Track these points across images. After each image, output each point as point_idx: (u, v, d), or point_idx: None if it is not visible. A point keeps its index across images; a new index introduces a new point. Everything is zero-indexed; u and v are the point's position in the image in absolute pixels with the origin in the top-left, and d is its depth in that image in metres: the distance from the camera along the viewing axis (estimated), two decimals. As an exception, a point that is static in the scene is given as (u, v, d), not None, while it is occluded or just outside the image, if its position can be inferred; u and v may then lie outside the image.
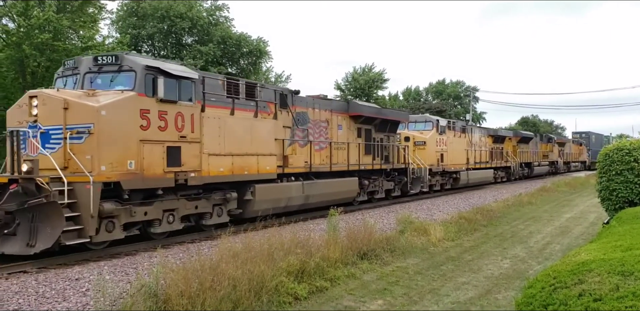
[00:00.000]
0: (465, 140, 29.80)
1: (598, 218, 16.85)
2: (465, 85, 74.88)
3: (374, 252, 10.66)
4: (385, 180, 21.50)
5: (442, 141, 26.40)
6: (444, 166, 26.48)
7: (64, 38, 22.80)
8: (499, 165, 35.52)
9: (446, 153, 26.75)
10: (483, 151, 32.75)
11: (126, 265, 9.62)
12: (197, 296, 6.85)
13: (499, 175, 35.61)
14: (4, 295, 7.63)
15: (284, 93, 15.82)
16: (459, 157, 28.52)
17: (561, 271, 4.98)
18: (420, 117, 27.48)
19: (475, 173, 30.33)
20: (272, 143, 14.74)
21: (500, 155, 35.83)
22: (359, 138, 19.87)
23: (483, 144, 33.04)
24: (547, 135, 49.64)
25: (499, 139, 35.75)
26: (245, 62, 37.66)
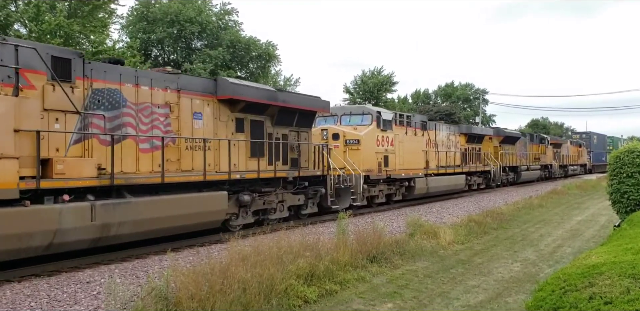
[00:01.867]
0: (424, 139, 24.00)
1: (609, 221, 16.72)
2: (475, 88, 74.83)
3: (383, 255, 10.65)
4: (291, 192, 15.73)
5: (386, 139, 20.42)
6: (390, 171, 20.53)
7: (75, 43, 23.01)
8: (475, 169, 29.78)
9: (393, 155, 20.83)
10: (452, 153, 27.18)
11: (137, 268, 9.68)
12: (207, 300, 6.88)
13: (475, 182, 30.08)
14: (16, 298, 7.70)
15: (56, 55, 9.87)
16: (415, 159, 22.57)
17: (572, 274, 4.96)
18: (356, 108, 21.09)
19: (438, 180, 24.43)
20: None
21: (478, 158, 30.56)
22: (239, 134, 14.08)
23: (453, 144, 27.62)
24: (538, 135, 44.60)
25: (474, 138, 30.30)
26: (254, 65, 37.84)
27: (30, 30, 21.28)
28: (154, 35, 34.33)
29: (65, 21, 21.39)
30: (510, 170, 35.58)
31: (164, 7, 34.70)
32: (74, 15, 23.47)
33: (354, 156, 18.78)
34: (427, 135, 24.57)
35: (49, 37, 21.15)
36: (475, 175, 30.00)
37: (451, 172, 26.29)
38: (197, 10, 34.99)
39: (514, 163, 35.86)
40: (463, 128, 29.98)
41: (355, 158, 18.67)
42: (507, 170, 34.55)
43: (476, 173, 30.17)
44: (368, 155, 19.28)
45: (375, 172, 19.56)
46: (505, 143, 34.52)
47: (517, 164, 36.40)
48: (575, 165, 54.27)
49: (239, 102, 13.86)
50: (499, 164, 32.53)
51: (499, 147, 33.60)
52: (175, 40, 35.33)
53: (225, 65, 34.77)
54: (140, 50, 31.28)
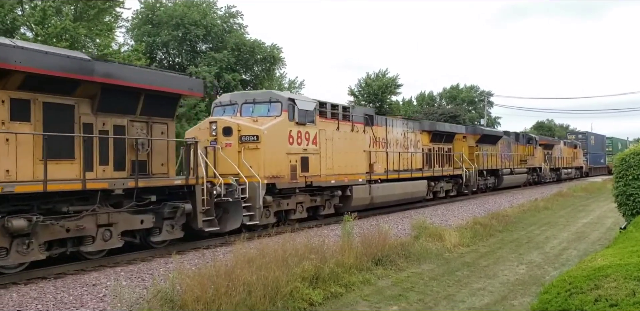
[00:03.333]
0: (367, 137, 19.28)
1: (615, 224, 16.67)
2: (480, 90, 74.74)
3: (388, 258, 10.64)
4: (128, 211, 10.84)
5: (304, 136, 15.59)
6: (311, 178, 15.73)
7: (81, 46, 23.11)
8: (443, 173, 25.01)
9: (316, 156, 16.01)
10: (409, 154, 22.59)
11: (142, 271, 9.71)
12: (212, 302, 6.90)
13: (442, 188, 25.27)
14: (23, 300, 7.74)
15: None
16: (352, 162, 17.71)
17: (577, 277, 4.96)
18: (261, 94, 15.69)
19: (388, 188, 19.82)
20: None
21: (447, 160, 26.07)
22: (20, 123, 9.40)
23: (412, 143, 23.04)
24: (526, 134, 39.93)
25: (441, 137, 25.70)
26: (259, 68, 37.89)
27: (37, 33, 21.39)
28: (159, 38, 34.44)
29: (71, 25, 21.49)
30: (490, 174, 31.29)
31: (169, 10, 34.82)
32: (79, 18, 23.58)
33: (252, 158, 14.00)
34: (372, 131, 19.74)
35: (55, 40, 21.27)
36: (442, 180, 25.23)
37: (407, 177, 21.48)
38: (202, 13, 35.08)
39: (494, 166, 31.43)
40: (425, 124, 25.20)
41: (254, 161, 13.96)
42: (485, 174, 30.13)
43: (444, 178, 25.44)
44: (273, 157, 14.41)
45: (287, 178, 14.76)
46: (484, 143, 30.17)
47: (498, 167, 31.98)
48: (570, 168, 49.80)
49: (12, 74, 9.09)
50: (474, 167, 27.76)
51: (476, 147, 29.22)
52: (180, 43, 35.41)
53: (230, 68, 34.83)
54: (146, 53, 31.40)
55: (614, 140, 72.69)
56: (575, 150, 52.21)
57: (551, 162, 43.35)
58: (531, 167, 38.61)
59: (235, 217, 13.00)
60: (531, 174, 38.93)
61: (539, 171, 40.49)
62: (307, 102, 16.05)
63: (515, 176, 34.98)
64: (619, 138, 76.22)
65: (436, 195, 25.00)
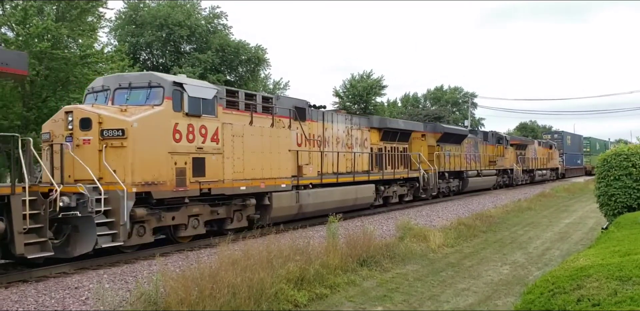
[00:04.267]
0: (294, 134, 16.11)
1: (597, 224, 16.87)
2: (464, 91, 75.29)
3: (373, 259, 10.66)
4: None
5: (198, 131, 12.27)
6: (210, 184, 12.47)
7: (63, 46, 22.85)
8: (395, 176, 21.95)
9: (217, 156, 12.70)
10: (353, 154, 19.48)
11: (125, 274, 9.62)
12: (196, 304, 6.86)
13: (395, 193, 22.26)
14: (3, 304, 7.63)
15: None
16: (271, 164, 14.45)
17: (560, 277, 5.01)
18: (138, 77, 12.43)
19: (323, 194, 16.75)
20: None
21: (402, 161, 23.33)
22: None
23: (357, 142, 20.19)
24: (495, 133, 36.96)
25: (394, 135, 22.83)
26: (243, 69, 37.80)
27: (18, 33, 21.11)
28: (142, 39, 34.24)
29: (53, 25, 21.24)
30: (454, 177, 28.64)
31: (153, 11, 34.63)
32: (62, 18, 23.32)
33: (117, 159, 10.82)
34: (303, 127, 16.71)
35: (37, 40, 21.02)
36: (395, 183, 22.39)
37: (348, 180, 18.44)
38: (186, 13, 34.93)
39: (458, 168, 28.68)
40: (374, 121, 21.98)
41: (119, 163, 10.79)
42: (447, 176, 27.35)
43: (397, 182, 22.57)
44: (148, 157, 11.18)
45: (170, 185, 11.47)
46: (447, 143, 27.42)
47: (463, 168, 29.25)
48: (545, 169, 47.08)
49: None
50: (434, 169, 25.02)
51: (437, 146, 26.49)
52: (164, 44, 35.22)
53: (214, 69, 34.71)
54: (129, 53, 31.16)
55: (592, 140, 70.12)
56: (551, 151, 49.75)
57: (524, 163, 41.14)
58: (501, 168, 36.03)
59: (86, 237, 9.89)
60: (501, 176, 36.62)
61: (510, 173, 38.13)
62: (203, 88, 12.75)
63: (483, 178, 32.24)
64: (597, 139, 73.57)
65: (388, 201, 21.97)
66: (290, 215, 15.59)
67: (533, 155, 43.81)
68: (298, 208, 15.67)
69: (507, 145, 37.52)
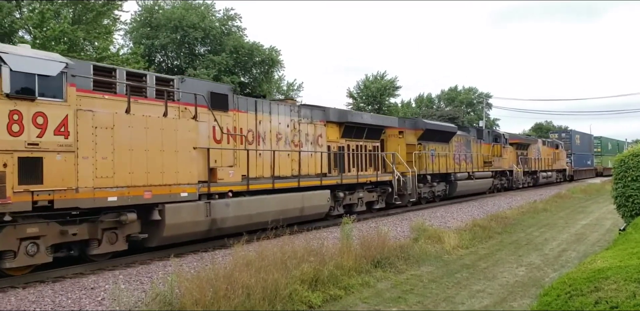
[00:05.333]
0: (205, 126, 12.78)
1: (614, 225, 16.68)
2: (478, 92, 74.88)
3: (387, 260, 10.63)
4: None
5: (30, 119, 8.88)
6: (52, 194, 9.09)
7: (79, 49, 23.12)
8: (359, 180, 18.25)
9: (66, 155, 9.31)
10: (302, 154, 15.95)
11: (141, 274, 9.68)
12: (211, 305, 6.89)
13: (362, 200, 18.62)
14: (21, 304, 7.71)
15: None
16: (166, 165, 11.12)
17: (577, 279, 4.95)
18: None
19: (248, 204, 13.19)
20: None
21: (372, 162, 19.87)
22: None
23: (309, 139, 16.60)
24: (493, 131, 33.75)
25: (361, 131, 19.09)
26: (257, 71, 37.94)
27: (35, 36, 21.40)
28: (157, 41, 34.50)
29: (70, 28, 21.51)
30: (440, 179, 25.12)
31: (168, 13, 34.88)
32: (78, 21, 23.60)
33: None
34: (222, 119, 13.16)
35: (54, 43, 21.28)
36: (361, 189, 18.71)
37: (291, 186, 14.88)
38: (201, 16, 35.15)
39: (445, 169, 25.00)
40: (332, 114, 17.88)
41: None
42: (430, 179, 23.72)
43: (365, 187, 18.93)
44: None
45: None
46: (430, 141, 23.93)
47: (451, 170, 25.53)
48: (550, 170, 42.86)
49: None
50: (412, 171, 21.45)
51: (418, 145, 22.98)
52: (179, 46, 35.46)
53: (228, 70, 34.87)
54: (144, 56, 31.41)
55: (603, 139, 65.29)
56: (557, 151, 45.49)
57: (526, 164, 37.39)
58: (498, 170, 32.30)
59: None
60: (499, 179, 32.93)
61: (509, 175, 34.51)
62: (41, 60, 9.21)
63: (476, 181, 28.39)
64: (609, 138, 68.95)
65: (352, 209, 18.18)
66: (198, 232, 11.97)
67: (536, 155, 40.06)
68: (210, 223, 12.00)
69: (506, 144, 33.88)
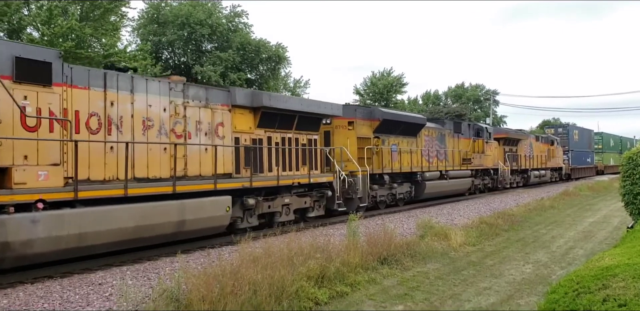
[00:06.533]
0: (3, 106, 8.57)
1: (622, 223, 16.60)
2: (485, 89, 74.58)
3: (394, 257, 10.63)
4: None
5: None
6: None
7: (87, 46, 23.19)
8: (280, 182, 14.35)
9: None
10: (187, 148, 12.18)
11: (148, 270, 9.72)
12: (218, 301, 6.90)
13: (289, 207, 15.00)
14: (29, 299, 7.76)
15: None
16: None
17: (585, 277, 4.93)
18: None
19: (79, 220, 9.24)
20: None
21: (304, 159, 15.89)
22: None
23: (201, 128, 12.67)
24: (475, 124, 29.79)
25: (289, 120, 15.17)
26: (264, 67, 37.95)
27: (43, 33, 21.47)
28: (164, 38, 34.54)
29: (77, 24, 21.56)
30: (403, 180, 21.39)
31: (175, 10, 34.91)
32: (85, 18, 23.66)
33: None
34: (45, 97, 9.37)
35: (61, 40, 21.35)
36: (288, 193, 14.96)
37: (163, 192, 10.95)
38: (208, 12, 35.15)
39: (411, 168, 21.34)
40: (241, 96, 13.60)
41: None
42: (387, 179, 19.81)
43: (293, 190, 15.17)
44: None
45: None
46: (391, 134, 20.54)
47: (418, 169, 21.83)
48: (543, 169, 39.10)
49: None
50: (361, 170, 17.68)
51: (375, 139, 19.56)
52: (186, 43, 35.48)
53: (235, 67, 34.89)
54: (151, 52, 31.48)
55: (605, 136, 60.79)
56: (552, 147, 41.56)
57: (516, 162, 33.87)
58: (479, 168, 28.40)
59: None
60: (481, 178, 29.17)
61: (492, 174, 30.58)
62: None
63: (450, 181, 24.58)
64: (610, 134, 64.39)
65: (275, 220, 14.48)
66: None
67: (528, 152, 36.21)
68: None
69: (490, 139, 29.82)
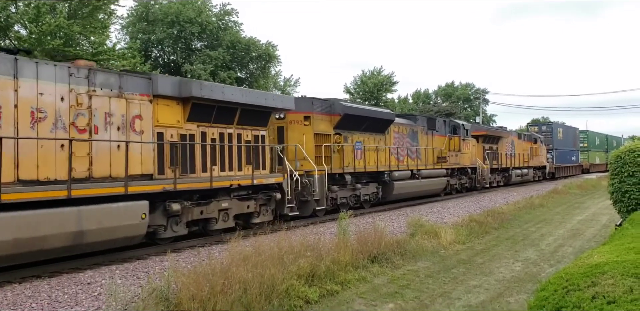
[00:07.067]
0: None
1: (610, 221, 16.71)
2: (475, 88, 74.89)
3: (384, 255, 10.64)
4: None
5: None
6: None
7: (75, 44, 23.01)
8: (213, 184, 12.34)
9: None
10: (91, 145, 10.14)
11: (137, 269, 9.66)
12: (208, 300, 6.87)
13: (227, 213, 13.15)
14: (17, 299, 7.69)
15: None
16: None
17: (574, 274, 4.95)
18: None
19: None
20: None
21: (248, 158, 13.95)
22: None
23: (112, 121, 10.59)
24: (450, 120, 27.62)
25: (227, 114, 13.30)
26: (254, 66, 37.87)
27: (30, 31, 21.28)
28: (153, 36, 34.36)
29: (65, 22, 21.38)
30: (369, 180, 19.59)
31: (164, 8, 34.74)
32: (74, 16, 23.47)
33: None
34: None
35: (49, 38, 21.16)
36: (227, 196, 13.16)
37: (54, 196, 9.00)
38: (197, 10, 35.01)
39: (376, 167, 19.68)
40: (163, 84, 11.67)
41: None
42: (349, 180, 18.01)
43: (233, 193, 13.32)
44: None
45: None
46: (355, 130, 18.85)
47: (386, 168, 20.19)
48: (526, 168, 37.66)
49: None
50: (317, 170, 16.11)
51: (335, 135, 17.89)
52: (175, 41, 35.33)
53: (225, 65, 34.79)
54: (141, 51, 31.29)
55: (590, 134, 59.34)
56: (535, 146, 40.12)
57: (497, 160, 32.31)
58: (456, 167, 26.68)
59: None
60: (457, 177, 27.44)
61: (472, 173, 28.80)
62: None
63: (422, 181, 22.75)
64: (596, 132, 63.47)
65: (209, 228, 12.79)
66: None
67: (509, 150, 34.86)
68: None
69: (467, 136, 28.03)
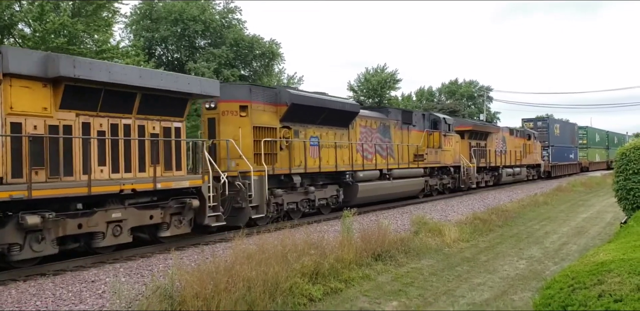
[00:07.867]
0: None
1: (615, 218, 16.65)
2: (479, 85, 74.70)
3: (388, 253, 10.62)
4: None
5: None
6: None
7: (79, 42, 23.01)
8: (105, 188, 9.93)
9: None
10: None
11: (141, 267, 9.67)
12: (212, 298, 6.87)
13: (118, 226, 10.34)
14: (22, 297, 7.70)
15: None
16: None
17: (580, 272, 4.92)
18: None
19: None
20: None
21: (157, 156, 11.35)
22: None
23: None
24: (430, 114, 25.03)
25: (121, 101, 10.59)
26: (257, 64, 37.81)
27: (35, 29, 21.27)
28: (157, 34, 34.33)
29: (69, 20, 21.37)
30: (326, 181, 17.06)
31: (168, 6, 34.70)
32: (77, 14, 23.46)
33: None
34: None
35: (53, 36, 21.16)
36: (120, 205, 10.47)
37: None
38: (201, 8, 34.94)
39: (335, 167, 17.14)
40: (15, 58, 8.92)
41: None
42: (298, 182, 15.39)
43: (127, 201, 10.63)
44: None
45: None
46: (310, 123, 16.37)
47: (349, 168, 17.76)
48: (518, 166, 34.90)
49: None
50: (252, 170, 13.67)
51: (282, 129, 15.38)
52: (179, 39, 35.28)
53: (228, 63, 34.74)
54: (144, 49, 31.28)
55: (590, 130, 56.60)
56: (529, 142, 37.28)
57: (485, 158, 29.76)
58: (436, 165, 23.90)
59: None
60: (438, 177, 24.63)
61: (453, 172, 25.87)
62: None
63: (394, 183, 20.20)
64: (596, 129, 61.13)
65: (93, 245, 10.20)
66: None
67: (500, 147, 32.07)
68: None
69: (449, 132, 25.19)
